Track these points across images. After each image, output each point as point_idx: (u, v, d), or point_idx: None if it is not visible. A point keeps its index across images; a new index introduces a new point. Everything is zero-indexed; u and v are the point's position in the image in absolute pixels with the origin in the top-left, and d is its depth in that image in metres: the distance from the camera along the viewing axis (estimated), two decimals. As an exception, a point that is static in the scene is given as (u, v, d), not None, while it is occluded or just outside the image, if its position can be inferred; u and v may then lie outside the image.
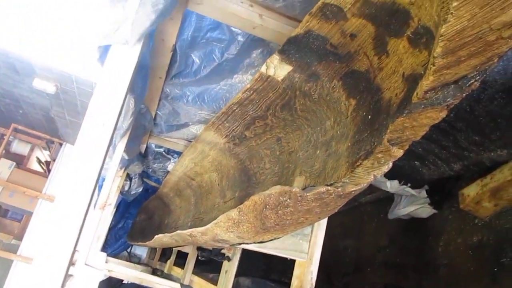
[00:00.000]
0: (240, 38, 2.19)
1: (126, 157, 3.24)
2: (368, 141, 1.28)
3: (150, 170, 4.36)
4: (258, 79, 1.81)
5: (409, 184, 3.11)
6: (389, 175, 3.08)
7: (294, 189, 1.05)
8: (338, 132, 1.56)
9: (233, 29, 2.15)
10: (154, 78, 2.32)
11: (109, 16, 1.55)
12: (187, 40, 2.20)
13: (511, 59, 1.85)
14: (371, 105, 1.35)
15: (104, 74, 1.46)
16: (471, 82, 0.90)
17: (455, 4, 0.73)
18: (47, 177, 7.11)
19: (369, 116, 1.34)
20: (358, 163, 1.22)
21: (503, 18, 0.72)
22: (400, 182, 3.08)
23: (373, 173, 1.08)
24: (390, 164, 1.08)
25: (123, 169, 3.74)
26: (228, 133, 2.33)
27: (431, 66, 0.87)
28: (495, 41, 0.78)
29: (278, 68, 1.71)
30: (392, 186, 3.05)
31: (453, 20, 0.75)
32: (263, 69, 1.75)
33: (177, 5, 1.63)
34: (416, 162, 2.95)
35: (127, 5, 1.52)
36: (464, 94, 0.94)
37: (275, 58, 1.68)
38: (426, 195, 3.20)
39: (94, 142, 1.33)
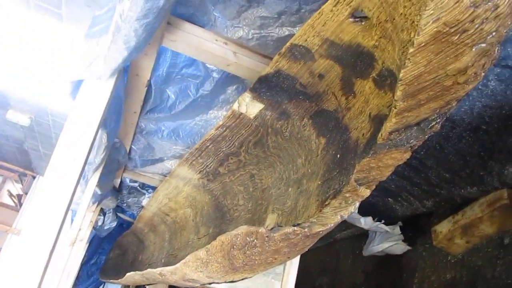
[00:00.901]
0: (215, 74, 2.21)
1: (99, 192, 3.18)
2: (337, 180, 1.29)
3: (125, 204, 4.27)
4: (231, 116, 1.82)
5: (383, 221, 3.12)
6: (363, 212, 3.09)
7: (260, 230, 1.04)
8: (309, 170, 1.56)
9: (208, 65, 2.17)
10: (128, 112, 2.31)
11: (83, 51, 1.55)
12: (162, 76, 2.20)
13: (476, 99, 1.90)
14: (340, 144, 1.36)
15: (75, 108, 1.44)
16: (432, 124, 0.92)
17: (411, 50, 0.75)
18: (18, 211, 6.91)
19: (338, 155, 1.36)
20: (327, 202, 1.22)
21: (457, 64, 0.75)
22: (374, 219, 3.09)
23: (340, 213, 1.08)
24: (357, 205, 1.08)
25: (96, 204, 3.66)
26: (202, 169, 2.32)
27: (393, 108, 0.89)
28: (452, 86, 0.80)
29: (250, 106, 1.72)
30: (366, 222, 3.06)
31: (410, 65, 0.78)
32: (235, 106, 1.76)
33: (150, 42, 1.64)
34: (389, 198, 2.97)
35: (101, 41, 1.53)
36: (426, 136, 0.96)
37: (247, 96, 1.69)
38: (400, 232, 3.21)
39: (63, 178, 1.31)
